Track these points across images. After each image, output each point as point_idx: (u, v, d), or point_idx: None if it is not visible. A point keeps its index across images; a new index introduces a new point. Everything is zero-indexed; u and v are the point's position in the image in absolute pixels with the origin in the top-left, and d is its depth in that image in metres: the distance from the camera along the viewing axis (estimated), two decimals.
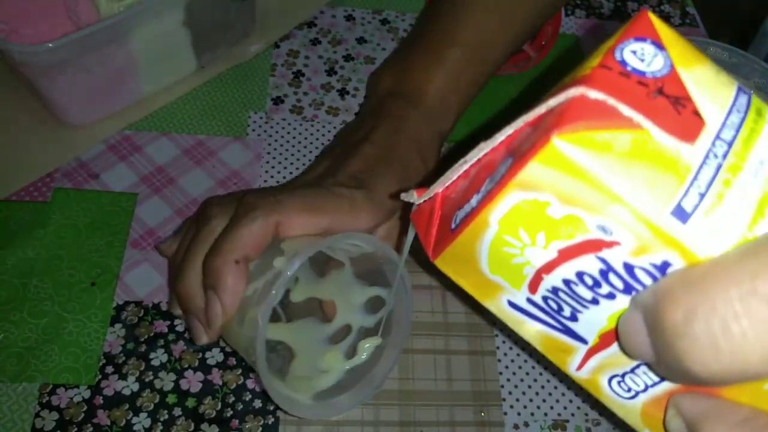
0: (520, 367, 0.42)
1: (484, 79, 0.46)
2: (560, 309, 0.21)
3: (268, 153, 0.48)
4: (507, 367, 0.42)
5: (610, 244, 0.18)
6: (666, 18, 0.63)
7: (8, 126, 0.46)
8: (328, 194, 0.36)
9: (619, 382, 0.22)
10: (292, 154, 0.48)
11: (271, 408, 0.39)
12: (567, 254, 0.19)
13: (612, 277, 0.19)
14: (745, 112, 0.19)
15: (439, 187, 0.24)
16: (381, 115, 0.43)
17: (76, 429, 0.36)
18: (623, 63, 0.18)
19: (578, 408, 0.41)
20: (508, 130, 0.20)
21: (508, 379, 0.42)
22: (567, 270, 0.20)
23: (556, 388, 0.42)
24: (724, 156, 0.18)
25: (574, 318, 0.21)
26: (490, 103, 0.53)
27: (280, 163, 0.48)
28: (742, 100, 0.19)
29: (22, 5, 0.43)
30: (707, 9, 0.69)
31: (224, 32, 0.51)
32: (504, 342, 0.43)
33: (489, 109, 0.52)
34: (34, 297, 0.40)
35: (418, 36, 0.48)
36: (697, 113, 0.18)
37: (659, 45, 0.19)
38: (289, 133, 0.50)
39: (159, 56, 0.47)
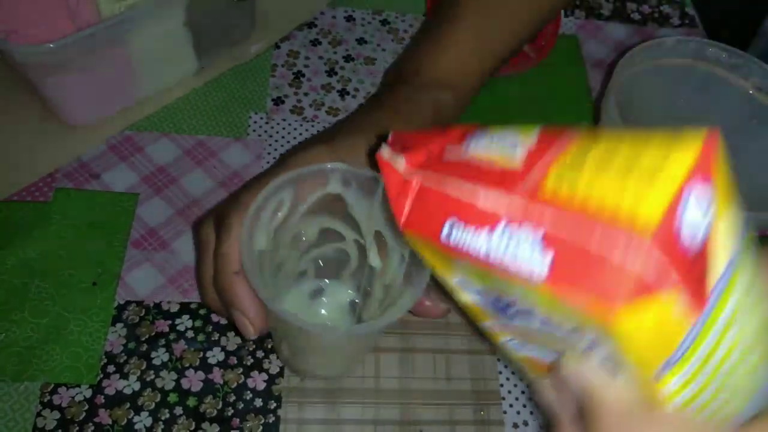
0: None
1: (489, 59, 0.46)
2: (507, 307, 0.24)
3: (269, 153, 0.48)
4: (507, 366, 0.42)
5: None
6: (665, 18, 0.64)
7: (9, 126, 0.46)
8: (288, 169, 0.36)
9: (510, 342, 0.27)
10: None
11: (272, 407, 0.39)
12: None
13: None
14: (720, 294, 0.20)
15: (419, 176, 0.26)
16: (373, 101, 0.44)
17: (77, 428, 0.37)
18: (679, 232, 0.18)
19: None
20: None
21: (508, 378, 0.42)
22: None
23: None
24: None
25: (513, 316, 0.25)
26: (490, 103, 0.53)
27: None
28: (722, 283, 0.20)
29: (23, 6, 0.43)
30: (706, 9, 0.69)
31: (225, 33, 0.51)
32: None
33: (489, 110, 0.53)
34: (35, 297, 0.40)
35: (421, 33, 0.50)
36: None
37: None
38: (289, 133, 0.50)
39: (160, 57, 0.47)
